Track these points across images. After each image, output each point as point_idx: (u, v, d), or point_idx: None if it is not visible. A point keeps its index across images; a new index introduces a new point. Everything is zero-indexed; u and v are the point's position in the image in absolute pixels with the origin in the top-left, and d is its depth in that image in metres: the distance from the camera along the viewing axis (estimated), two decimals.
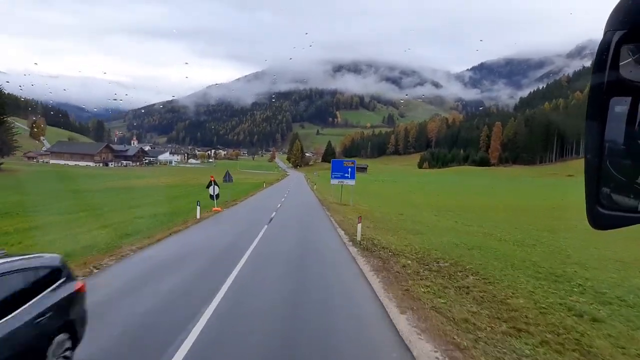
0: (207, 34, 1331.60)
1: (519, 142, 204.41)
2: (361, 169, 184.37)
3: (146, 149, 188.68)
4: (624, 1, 0.90)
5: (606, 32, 0.93)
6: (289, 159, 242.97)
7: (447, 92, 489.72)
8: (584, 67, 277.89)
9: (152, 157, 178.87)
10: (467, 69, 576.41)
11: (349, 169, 32.89)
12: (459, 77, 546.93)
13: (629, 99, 0.95)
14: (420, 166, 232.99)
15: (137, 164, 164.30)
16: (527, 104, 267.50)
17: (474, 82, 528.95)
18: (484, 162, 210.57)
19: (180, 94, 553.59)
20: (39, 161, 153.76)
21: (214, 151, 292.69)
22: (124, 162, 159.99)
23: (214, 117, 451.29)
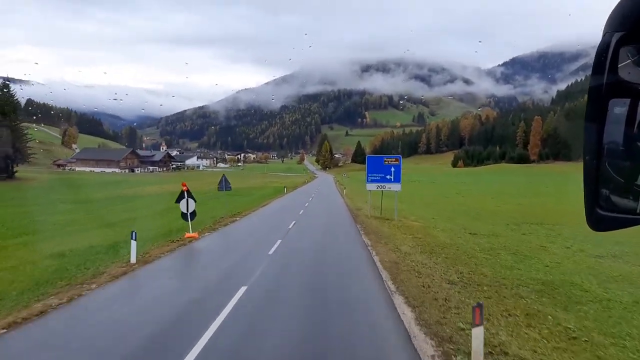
0: (236, 40, 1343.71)
1: (559, 138, 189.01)
2: None
3: (173, 154, 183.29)
4: (622, 3, 0.89)
5: (605, 34, 0.92)
6: (317, 161, 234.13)
7: (478, 88, 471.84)
8: None
9: (179, 162, 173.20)
10: (499, 65, 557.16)
11: (391, 169, 22.84)
12: (490, 72, 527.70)
13: (627, 101, 0.94)
14: (454, 165, 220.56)
15: (164, 169, 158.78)
16: (566, 97, 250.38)
17: (506, 78, 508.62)
18: (522, 159, 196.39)
19: (211, 99, 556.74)
20: (65, 169, 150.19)
21: (243, 155, 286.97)
22: (151, 167, 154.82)
23: (244, 121, 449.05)
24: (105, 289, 9.11)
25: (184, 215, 16.12)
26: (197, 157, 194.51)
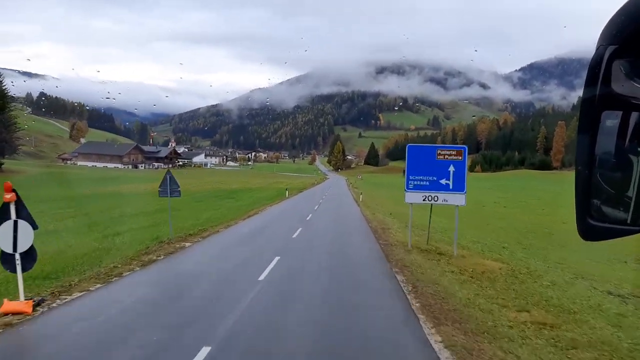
0: (251, 39, 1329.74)
1: None
2: None
3: (180, 150, 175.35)
4: (616, 16, 0.89)
5: (599, 47, 0.92)
6: (329, 162, 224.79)
7: (495, 93, 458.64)
8: None
9: (186, 159, 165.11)
10: (516, 70, 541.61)
11: (449, 169, 13.31)
12: (507, 77, 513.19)
13: (619, 113, 0.95)
14: (471, 169, 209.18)
15: (169, 166, 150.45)
16: None
17: (523, 83, 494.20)
18: (544, 166, 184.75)
19: (224, 98, 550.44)
20: (67, 163, 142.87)
21: (254, 154, 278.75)
22: (156, 164, 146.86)
23: (257, 120, 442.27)
24: None
25: (3, 260, 6.87)
26: (205, 155, 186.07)
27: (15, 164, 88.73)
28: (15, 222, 6.94)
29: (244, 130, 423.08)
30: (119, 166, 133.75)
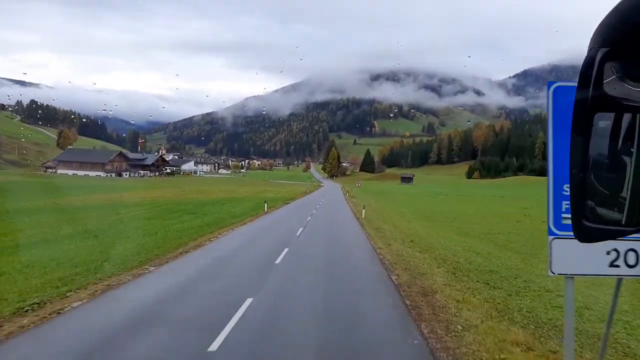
0: (247, 48, 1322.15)
1: None
2: (407, 179, 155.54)
3: (169, 158, 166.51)
4: (607, 19, 0.89)
5: (590, 49, 0.92)
6: (324, 169, 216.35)
7: (489, 100, 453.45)
8: None
9: (175, 166, 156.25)
10: (510, 76, 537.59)
11: None
12: (501, 84, 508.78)
13: (612, 115, 0.95)
14: (469, 176, 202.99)
15: (156, 174, 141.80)
16: None
17: (517, 90, 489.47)
18: (544, 171, 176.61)
19: (219, 106, 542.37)
20: (48, 171, 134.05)
21: (247, 161, 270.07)
22: (142, 172, 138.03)
23: (251, 128, 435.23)
24: None
25: None
26: (194, 162, 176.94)
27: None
28: None
29: (239, 138, 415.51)
30: (101, 174, 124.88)
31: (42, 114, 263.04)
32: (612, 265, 4.19)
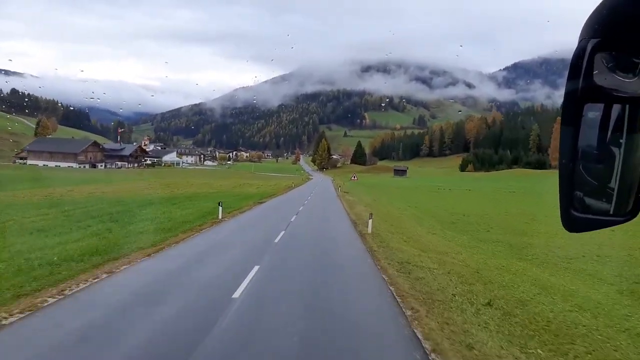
0: (236, 37, 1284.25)
1: None
2: (400, 172, 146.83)
3: (150, 148, 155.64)
4: (598, 10, 0.88)
5: (581, 40, 0.91)
6: (314, 161, 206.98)
7: (480, 92, 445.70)
8: None
9: (156, 157, 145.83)
10: (500, 69, 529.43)
11: None
12: (492, 77, 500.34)
13: (602, 106, 0.93)
14: (462, 169, 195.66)
15: (135, 165, 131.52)
16: None
17: (507, 82, 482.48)
18: (540, 165, 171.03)
19: (208, 97, 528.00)
20: (15, 162, 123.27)
21: (235, 153, 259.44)
22: (119, 163, 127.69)
23: (240, 119, 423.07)
24: None
25: None
26: (177, 153, 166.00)
27: None
28: None
29: (227, 129, 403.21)
30: (74, 165, 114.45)
31: (23, 103, 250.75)
32: None
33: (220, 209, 20.40)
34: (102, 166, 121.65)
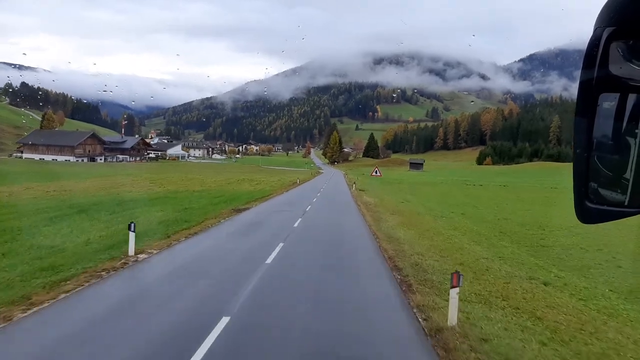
0: (248, 30, 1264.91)
1: None
2: (416, 165, 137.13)
3: (154, 141, 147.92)
4: None
5: (596, 29, 0.89)
6: (324, 154, 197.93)
7: (494, 84, 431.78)
8: None
9: (160, 150, 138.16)
10: (516, 61, 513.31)
11: None
12: (507, 69, 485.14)
13: (617, 95, 0.91)
14: (480, 162, 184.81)
15: (137, 159, 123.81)
16: None
17: (523, 74, 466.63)
18: (563, 157, 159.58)
19: (219, 90, 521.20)
20: (12, 155, 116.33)
21: (244, 146, 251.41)
22: (120, 156, 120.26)
23: (251, 113, 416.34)
24: None
25: None
26: (182, 146, 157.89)
27: None
28: None
29: (238, 122, 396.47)
30: (71, 159, 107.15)
31: (33, 96, 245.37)
32: None
33: (131, 236, 10.72)
34: (101, 159, 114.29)
